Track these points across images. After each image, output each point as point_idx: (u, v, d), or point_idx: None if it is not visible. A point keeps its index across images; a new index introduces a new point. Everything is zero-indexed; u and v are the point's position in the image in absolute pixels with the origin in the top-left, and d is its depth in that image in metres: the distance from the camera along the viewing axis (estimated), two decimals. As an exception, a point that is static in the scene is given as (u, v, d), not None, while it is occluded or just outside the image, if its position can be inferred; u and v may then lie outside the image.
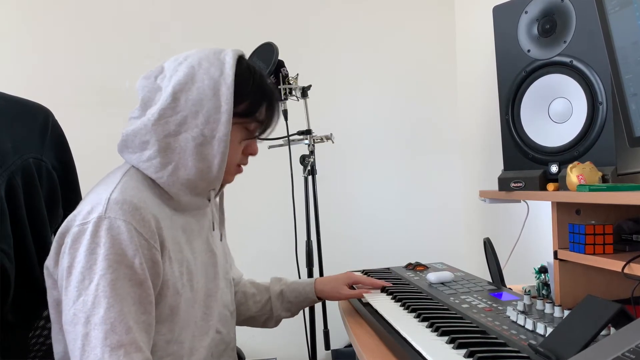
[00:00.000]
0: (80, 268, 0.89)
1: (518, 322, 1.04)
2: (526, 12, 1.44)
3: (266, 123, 1.11)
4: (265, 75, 1.11)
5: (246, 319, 1.35)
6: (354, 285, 1.43)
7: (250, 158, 1.15)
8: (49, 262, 0.97)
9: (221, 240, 1.21)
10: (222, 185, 1.15)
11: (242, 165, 1.13)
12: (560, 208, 1.26)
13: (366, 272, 1.59)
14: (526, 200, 1.58)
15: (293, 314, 1.36)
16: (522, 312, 1.07)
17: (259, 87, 1.07)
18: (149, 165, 1.00)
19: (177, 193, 1.02)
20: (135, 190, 0.97)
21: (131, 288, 0.90)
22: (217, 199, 1.21)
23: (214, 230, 1.13)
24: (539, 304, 1.10)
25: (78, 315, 0.87)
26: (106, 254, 0.89)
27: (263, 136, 1.14)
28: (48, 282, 0.98)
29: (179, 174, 1.00)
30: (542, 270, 1.41)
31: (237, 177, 1.14)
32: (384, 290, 1.37)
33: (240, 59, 1.06)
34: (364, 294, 1.34)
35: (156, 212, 0.97)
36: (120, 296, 0.88)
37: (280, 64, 1.86)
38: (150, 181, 1.01)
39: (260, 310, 1.33)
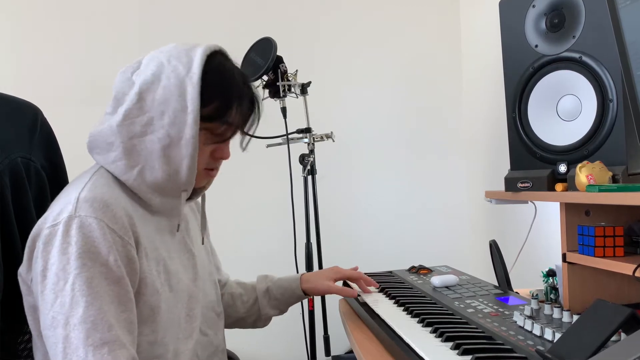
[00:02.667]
0: (55, 270, 0.89)
1: (525, 327, 1.04)
2: (534, 6, 1.44)
3: (239, 126, 1.07)
4: (237, 73, 1.06)
5: (235, 321, 1.35)
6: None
7: (248, 157, 1.14)
8: (21, 268, 0.97)
9: (202, 243, 1.20)
10: (198, 191, 1.13)
11: (213, 170, 1.09)
12: (568, 209, 1.26)
13: (367, 275, 1.59)
14: (534, 201, 1.58)
15: (281, 311, 1.36)
16: (530, 317, 1.07)
17: (228, 88, 1.03)
18: (114, 168, 1.00)
19: (145, 196, 1.01)
20: (106, 187, 0.97)
21: (108, 286, 0.90)
22: (199, 202, 1.20)
23: (177, 231, 1.10)
24: (546, 309, 1.10)
25: (57, 318, 0.87)
26: (79, 252, 0.89)
27: (241, 137, 1.11)
28: (22, 289, 0.97)
29: (146, 177, 1.00)
30: (550, 273, 1.41)
31: (234, 176, 1.13)
32: (386, 294, 1.37)
33: (213, 55, 1.03)
34: (363, 296, 1.34)
35: (129, 209, 0.97)
36: (98, 294, 0.88)
37: (279, 60, 1.86)
38: (121, 181, 1.01)
39: (249, 310, 1.34)
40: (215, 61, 1.03)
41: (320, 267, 1.99)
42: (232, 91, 1.04)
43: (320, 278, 1.35)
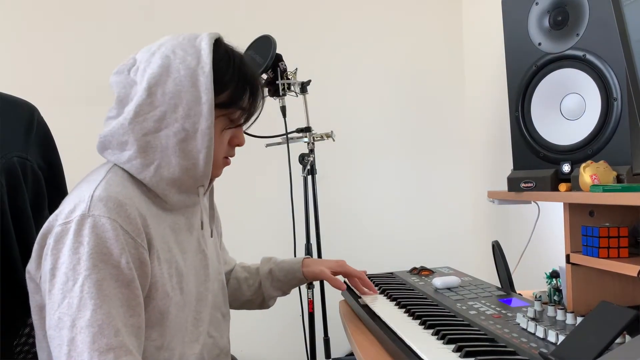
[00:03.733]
0: (64, 269, 0.88)
1: (528, 329, 1.04)
2: (537, 4, 1.44)
3: (250, 110, 1.09)
4: (244, 58, 1.09)
5: (242, 304, 1.37)
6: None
7: (247, 156, 1.15)
8: (30, 265, 0.96)
9: (211, 236, 1.20)
10: (211, 180, 1.14)
11: (229, 158, 1.11)
12: (572, 209, 1.25)
13: (368, 277, 1.59)
14: (537, 202, 1.58)
15: (284, 292, 1.38)
16: (533, 319, 1.07)
17: (240, 73, 1.05)
18: (130, 167, 0.99)
19: (163, 193, 1.01)
20: (120, 186, 0.96)
21: (118, 289, 0.89)
22: (208, 194, 1.20)
23: (202, 228, 1.12)
24: (550, 311, 1.10)
25: (63, 319, 0.86)
26: (90, 252, 0.88)
27: (247, 124, 1.12)
28: (30, 287, 0.97)
29: (163, 173, 0.99)
30: (554, 275, 1.41)
31: (232, 177, 1.13)
32: (387, 295, 1.37)
33: (217, 43, 1.04)
34: (363, 297, 1.35)
35: (143, 209, 0.97)
36: (107, 297, 0.88)
37: (279, 58, 1.86)
38: (136, 179, 1.01)
39: (255, 293, 1.36)
40: (222, 48, 1.05)
41: (321, 268, 1.99)
42: (244, 76, 1.06)
43: (319, 264, 1.36)
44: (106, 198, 0.92)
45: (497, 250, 1.45)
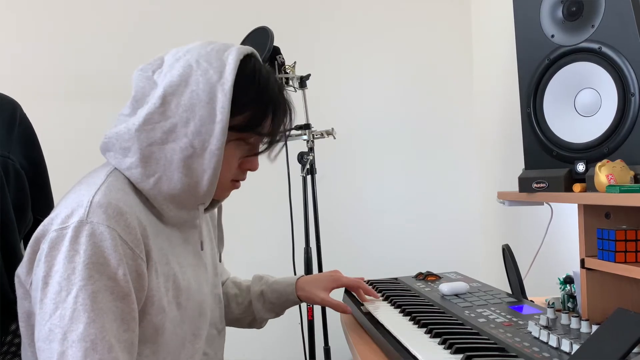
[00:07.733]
0: (58, 278, 0.88)
1: (541, 338, 1.04)
2: (549, -7, 1.44)
3: (271, 137, 1.07)
4: (273, 79, 1.06)
5: (231, 321, 1.36)
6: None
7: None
8: (20, 270, 0.96)
9: (220, 261, 1.19)
10: (217, 201, 1.14)
11: (239, 181, 1.10)
12: (587, 211, 1.25)
13: (371, 283, 1.59)
14: (550, 203, 1.58)
15: (278, 314, 1.37)
16: (545, 327, 1.07)
17: (263, 96, 1.03)
18: (130, 174, 0.99)
19: (160, 207, 1.01)
20: (121, 192, 0.96)
21: (113, 302, 0.89)
22: (215, 212, 1.20)
23: (202, 249, 1.12)
24: (564, 318, 1.10)
25: (54, 331, 0.86)
26: (87, 262, 0.88)
27: (269, 151, 1.11)
28: (19, 292, 0.97)
29: (162, 188, 0.99)
30: (568, 280, 1.41)
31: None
32: (391, 302, 1.37)
33: (246, 60, 1.02)
34: (366, 305, 1.34)
35: (143, 218, 0.96)
36: (102, 311, 0.87)
37: (276, 51, 1.86)
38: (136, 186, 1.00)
39: (244, 312, 1.35)
40: (250, 66, 1.03)
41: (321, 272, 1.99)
42: (268, 100, 1.04)
43: (316, 287, 1.34)
44: (106, 204, 0.91)
45: (508, 255, 1.45)
